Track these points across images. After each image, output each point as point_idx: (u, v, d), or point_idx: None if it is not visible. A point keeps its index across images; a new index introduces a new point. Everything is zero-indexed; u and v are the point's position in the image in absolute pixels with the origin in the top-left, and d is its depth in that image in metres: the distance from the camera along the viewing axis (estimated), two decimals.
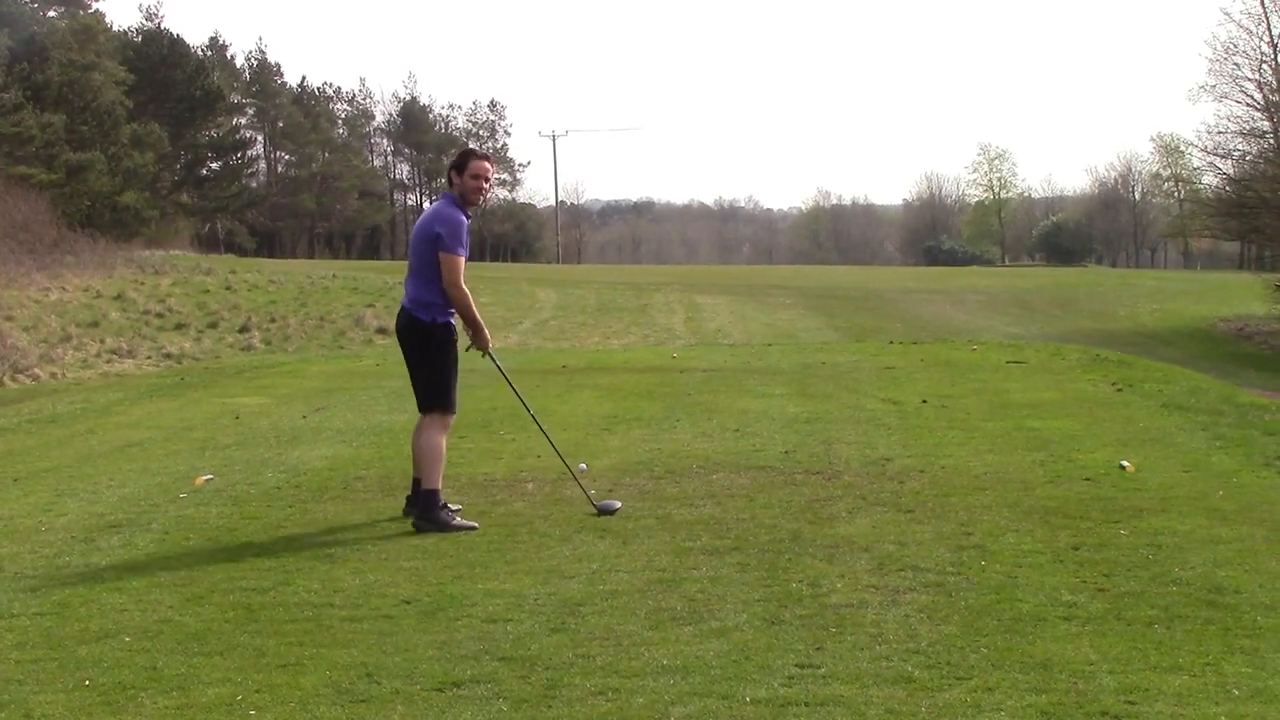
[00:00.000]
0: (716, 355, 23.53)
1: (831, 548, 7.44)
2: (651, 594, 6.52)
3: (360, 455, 11.67)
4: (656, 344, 35.50)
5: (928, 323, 45.37)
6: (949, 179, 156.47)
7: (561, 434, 12.66)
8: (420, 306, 8.53)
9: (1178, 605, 6.11)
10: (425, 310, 8.52)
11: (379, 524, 8.58)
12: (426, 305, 8.52)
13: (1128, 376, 16.84)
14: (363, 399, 16.40)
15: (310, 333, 40.76)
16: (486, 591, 6.67)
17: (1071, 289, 63.06)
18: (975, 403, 14.54)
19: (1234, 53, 53.86)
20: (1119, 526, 7.82)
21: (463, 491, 9.58)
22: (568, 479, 9.97)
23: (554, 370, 20.39)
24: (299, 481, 10.33)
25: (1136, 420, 12.77)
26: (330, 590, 6.78)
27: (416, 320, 8.56)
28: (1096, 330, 45.33)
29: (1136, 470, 9.78)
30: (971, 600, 6.25)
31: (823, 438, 12.00)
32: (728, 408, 14.52)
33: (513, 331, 41.90)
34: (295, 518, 8.86)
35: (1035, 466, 10.15)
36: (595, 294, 53.48)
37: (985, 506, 8.55)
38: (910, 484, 9.52)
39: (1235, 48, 54.02)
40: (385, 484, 10.10)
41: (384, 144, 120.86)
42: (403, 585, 6.86)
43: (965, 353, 22.26)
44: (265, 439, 12.96)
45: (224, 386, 19.27)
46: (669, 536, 7.87)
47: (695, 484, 9.76)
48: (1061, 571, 6.77)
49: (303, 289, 49.15)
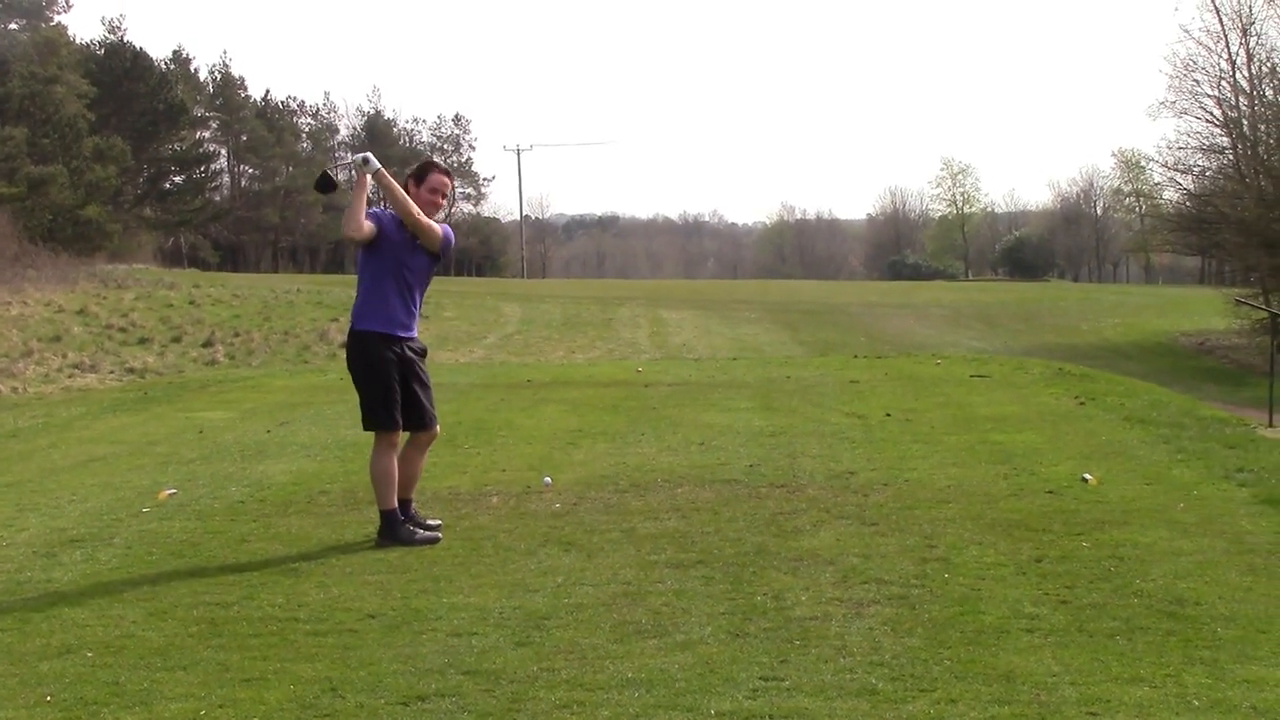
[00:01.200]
0: (681, 370, 23.55)
1: (796, 561, 7.45)
2: (616, 607, 6.53)
3: (324, 470, 11.64)
4: (621, 358, 35.49)
5: (892, 337, 45.55)
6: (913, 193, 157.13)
7: (526, 448, 12.67)
8: (354, 315, 8.50)
9: (1139, 617, 6.14)
10: (356, 317, 8.46)
11: (343, 538, 8.55)
12: (356, 312, 8.47)
13: (1090, 390, 16.93)
14: (327, 413, 16.35)
15: (274, 347, 40.61)
16: (451, 605, 6.66)
17: (1034, 303, 63.37)
18: (939, 416, 14.59)
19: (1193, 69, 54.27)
20: (1081, 539, 7.86)
21: (427, 505, 9.55)
22: (532, 493, 9.98)
23: (519, 384, 20.38)
24: (263, 496, 10.29)
25: (1099, 434, 12.84)
26: (294, 604, 6.76)
27: (350, 330, 8.52)
28: (1059, 344, 45.57)
29: (1099, 483, 9.83)
30: (935, 613, 6.28)
31: (787, 451, 12.02)
32: (692, 422, 14.53)
33: (477, 346, 41.82)
34: (259, 532, 8.82)
35: (998, 479, 10.19)
36: (560, 308, 53.45)
37: (949, 519, 8.58)
38: (874, 497, 9.54)
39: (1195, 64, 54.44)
40: (350, 498, 10.07)
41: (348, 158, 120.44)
42: (367, 599, 6.85)
43: (929, 367, 22.34)
44: (229, 453, 12.91)
45: (187, 401, 19.18)
46: (634, 550, 7.87)
47: (660, 498, 9.76)
48: (1024, 584, 6.81)
49: (266, 303, 48.96)
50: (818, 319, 52.66)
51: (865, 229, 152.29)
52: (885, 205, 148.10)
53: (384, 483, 8.38)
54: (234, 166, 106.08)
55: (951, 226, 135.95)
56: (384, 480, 8.38)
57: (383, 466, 8.40)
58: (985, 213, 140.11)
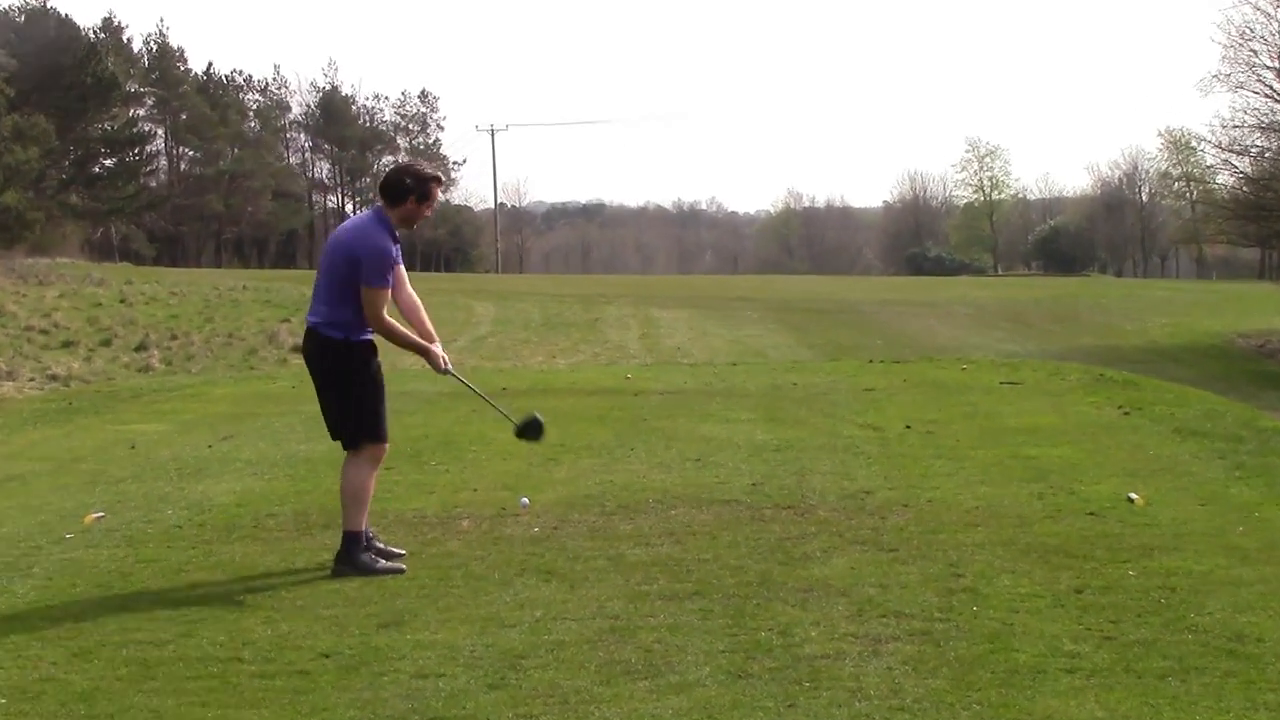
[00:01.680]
0: (675, 376, 23.52)
1: (805, 591, 7.44)
2: (602, 645, 6.50)
3: (273, 489, 11.60)
4: (608, 363, 35.48)
5: (911, 339, 45.57)
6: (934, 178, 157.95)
7: (501, 465, 12.65)
8: (333, 325, 8.38)
9: (1194, 656, 6.13)
10: (340, 329, 8.39)
11: (294, 566, 8.53)
12: (342, 324, 8.39)
13: (1135, 398, 16.94)
14: (276, 426, 16.30)
15: (217, 351, 40.55)
16: (416, 643, 6.63)
17: (1072, 301, 63.51)
18: (965, 428, 14.58)
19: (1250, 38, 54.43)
20: (1127, 567, 7.85)
21: (389, 530, 9.52)
22: (507, 516, 9.95)
23: (493, 393, 20.31)
24: (203, 519, 10.25)
25: (1146, 447, 12.83)
26: (238, 642, 6.73)
27: (329, 340, 8.40)
28: (1100, 347, 45.63)
29: (1146, 504, 9.83)
30: (962, 650, 6.26)
31: (794, 468, 12.00)
32: (688, 434, 14.51)
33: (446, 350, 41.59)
34: (199, 560, 8.78)
35: (1032, 499, 10.18)
36: (539, 307, 53.47)
37: (977, 545, 8.57)
38: (893, 520, 9.53)
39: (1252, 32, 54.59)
40: (301, 521, 10.04)
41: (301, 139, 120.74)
42: (321, 636, 6.82)
43: (954, 372, 22.34)
44: (165, 471, 12.86)
45: (118, 412, 19.12)
46: (622, 580, 7.85)
47: (651, 520, 9.74)
48: (1063, 618, 6.79)
49: (208, 302, 48.92)
50: (828, 319, 52.72)
51: (881, 218, 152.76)
52: (904, 191, 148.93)
53: (359, 501, 8.44)
54: (172, 148, 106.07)
55: (978, 215, 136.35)
56: (360, 498, 8.45)
57: (362, 482, 8.48)
58: (1016, 199, 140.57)
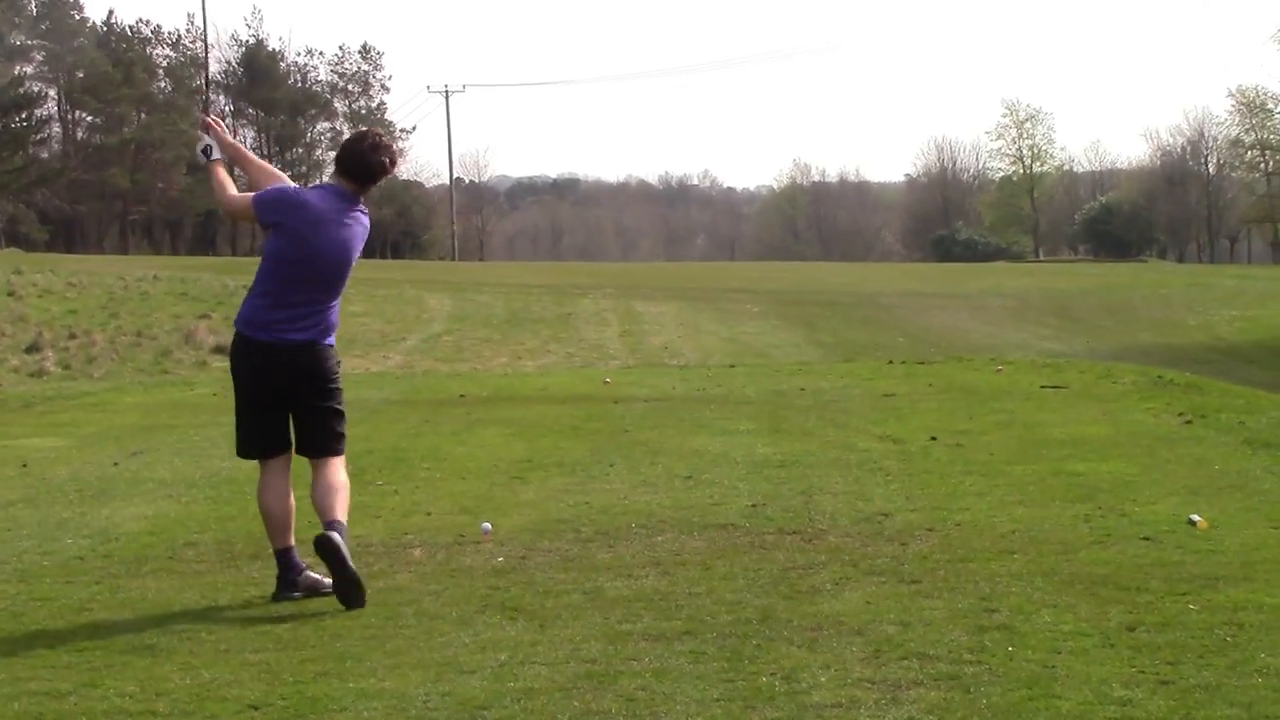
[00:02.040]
0: (662, 380, 23.57)
1: (813, 630, 7.47)
2: (578, 693, 6.53)
3: (192, 514, 11.61)
4: (584, 365, 35.52)
5: (938, 336, 45.65)
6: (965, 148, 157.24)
7: (459, 485, 12.68)
8: (330, 333, 9.00)
9: (1264, 703, 6.16)
10: (333, 334, 9.04)
11: (217, 603, 8.54)
12: (333, 329, 9.04)
13: (1199, 405, 16.99)
14: (195, 440, 16.31)
15: (123, 353, 40.46)
16: (360, 691, 6.65)
17: (1126, 291, 63.58)
18: (1000, 440, 14.64)
19: None
20: (1187, 600, 7.89)
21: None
22: (466, 544, 9.98)
23: (449, 401, 20.36)
24: (109, 550, 10.25)
25: (1210, 461, 12.89)
26: (151, 693, 6.74)
27: (330, 349, 8.99)
28: (1158, 345, 45.70)
29: (1210, 527, 9.86)
30: (995, 698, 6.30)
31: (801, 487, 12.04)
32: (677, 448, 14.55)
33: (394, 350, 41.79)
34: (104, 598, 8.79)
35: (1078, 523, 10.23)
36: (503, 300, 53.41)
37: (1013, 575, 8.61)
38: (915, 546, 9.57)
39: None
40: (225, 551, 10.05)
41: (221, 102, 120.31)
42: (249, 685, 6.83)
43: (988, 375, 22.41)
44: (63, 494, 12.85)
45: (6, 425, 19.11)
46: (600, 617, 7.88)
47: (635, 548, 9.78)
48: (1112, 659, 6.83)
49: (113, 295, 48.79)
50: (841, 313, 52.77)
51: (903, 194, 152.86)
52: (930, 163, 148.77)
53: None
54: (66, 113, 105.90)
55: (1017, 190, 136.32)
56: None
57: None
58: (1061, 172, 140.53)
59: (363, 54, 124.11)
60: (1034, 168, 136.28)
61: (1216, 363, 39.15)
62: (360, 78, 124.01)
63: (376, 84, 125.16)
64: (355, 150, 8.92)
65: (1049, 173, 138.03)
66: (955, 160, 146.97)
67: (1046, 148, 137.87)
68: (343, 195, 8.86)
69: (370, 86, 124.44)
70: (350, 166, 8.88)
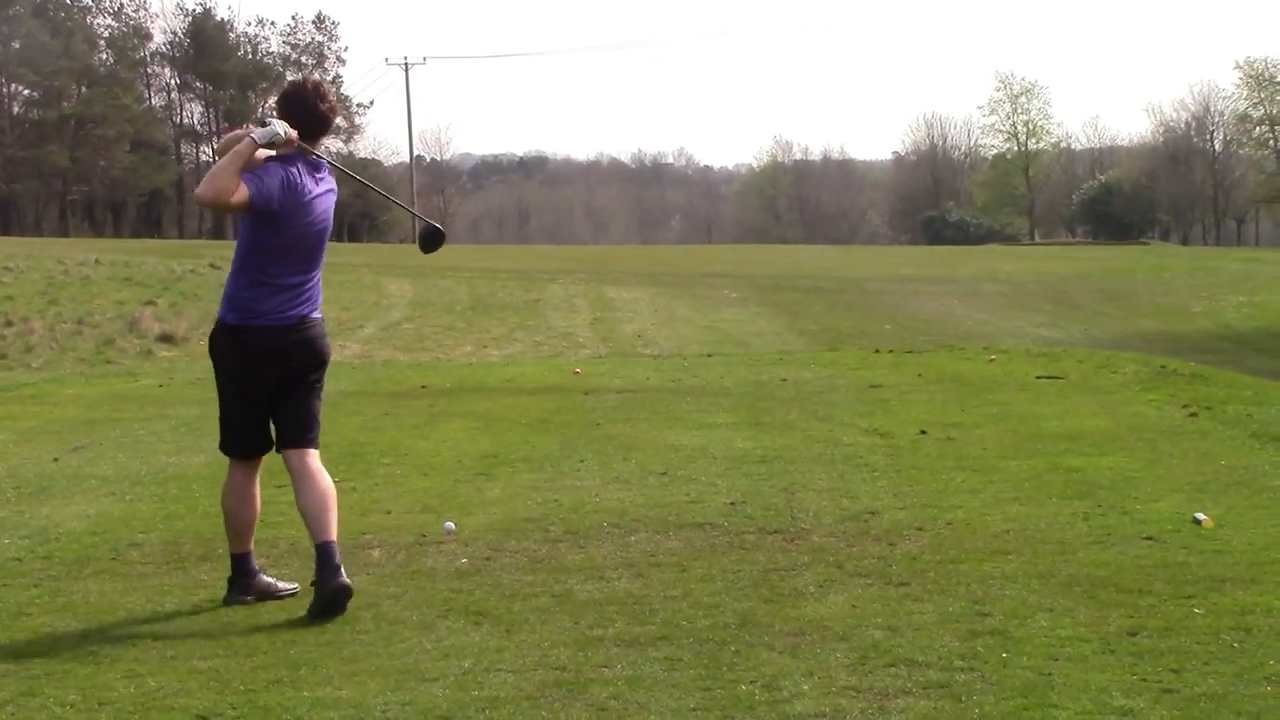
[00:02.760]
0: (635, 370, 23.57)
1: (795, 635, 7.49)
2: (545, 702, 6.54)
3: (136, 513, 11.59)
4: (552, 355, 35.49)
5: (927, 323, 45.69)
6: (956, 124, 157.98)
7: (420, 482, 12.68)
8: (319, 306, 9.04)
9: (1273, 711, 6.19)
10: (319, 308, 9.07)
11: (163, 608, 8.53)
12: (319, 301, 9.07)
13: (1204, 396, 17.03)
14: (140, 434, 16.29)
15: (63, 342, 40.34)
16: (315, 701, 6.66)
17: (1127, 276, 63.71)
18: (993, 434, 14.66)
19: None
20: (1192, 603, 7.91)
21: (281, 561, 9.55)
22: (428, 544, 9.98)
23: (409, 392, 20.34)
24: (49, 551, 10.23)
25: (1216, 456, 12.92)
26: (93, 701, 6.74)
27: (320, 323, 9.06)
28: (1161, 332, 45.76)
29: (1216, 525, 9.89)
30: (989, 707, 6.32)
31: (783, 483, 12.06)
32: (651, 443, 14.56)
33: (350, 339, 41.69)
34: (43, 601, 8.78)
35: (1076, 521, 10.25)
36: (466, 286, 53.38)
37: (1007, 577, 8.63)
38: (904, 547, 9.59)
39: None
40: (172, 552, 10.03)
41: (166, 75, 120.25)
42: (197, 694, 6.83)
43: (980, 364, 22.45)
44: (0, 492, 12.84)
45: None
46: (570, 622, 7.89)
47: (606, 549, 9.79)
48: (1113, 666, 6.85)
49: (52, 280, 48.68)
50: (824, 299, 52.80)
51: (891, 174, 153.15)
52: (918, 141, 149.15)
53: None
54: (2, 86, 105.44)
55: (1011, 169, 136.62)
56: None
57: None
58: (1058, 149, 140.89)
59: (317, 24, 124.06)
60: (1029, 145, 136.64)
61: (1223, 351, 39.17)
62: (314, 49, 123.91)
63: (332, 56, 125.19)
64: (307, 106, 8.87)
65: (1045, 150, 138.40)
66: (946, 137, 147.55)
67: (1042, 123, 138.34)
68: (310, 162, 8.87)
69: (325, 59, 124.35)
70: (310, 125, 8.84)
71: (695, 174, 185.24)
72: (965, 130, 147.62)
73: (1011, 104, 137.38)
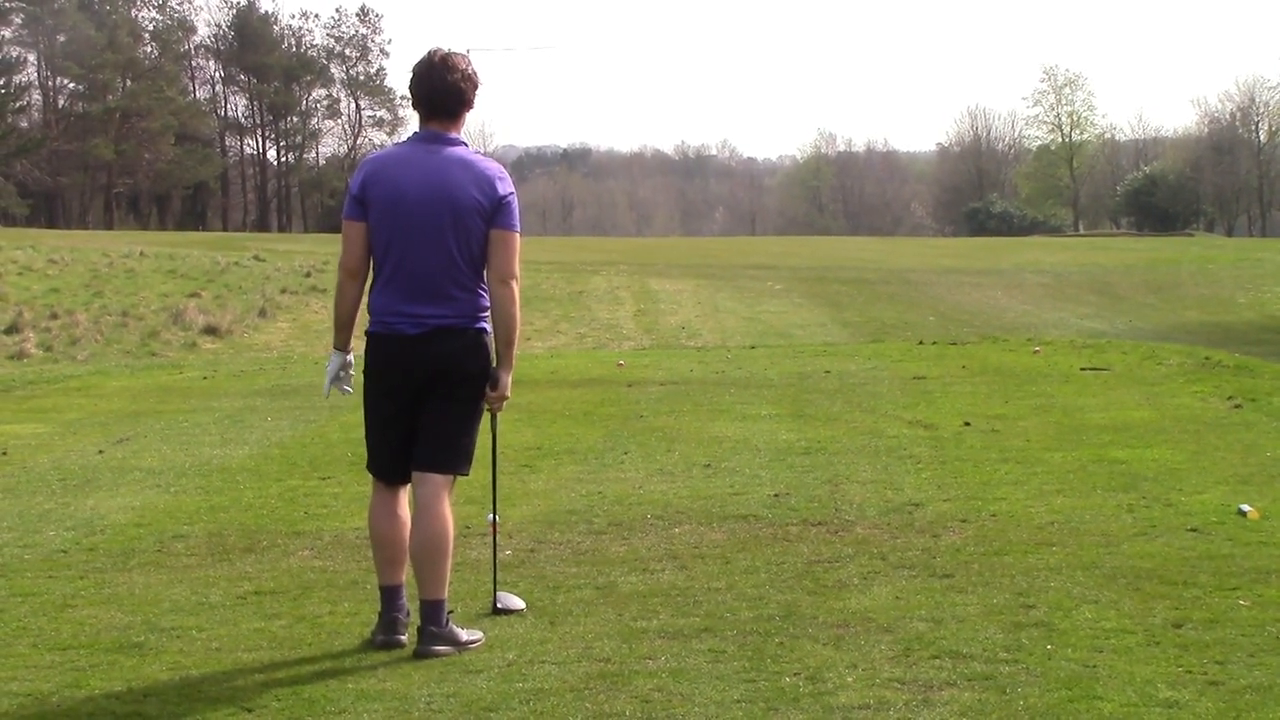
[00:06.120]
0: (679, 362, 23.56)
1: (839, 627, 7.48)
2: (590, 694, 6.54)
3: (181, 505, 11.62)
4: (596, 347, 35.50)
5: (972, 315, 45.57)
6: (1001, 116, 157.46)
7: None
8: (479, 315, 7.71)
9: None
10: (485, 318, 7.74)
11: (208, 600, 8.53)
12: (485, 311, 7.73)
13: (1250, 388, 16.97)
14: (184, 426, 16.31)
15: (108, 334, 40.45)
16: (360, 693, 6.67)
17: (1171, 267, 63.40)
18: (1037, 425, 14.62)
19: None
20: (1237, 595, 7.90)
21: (326, 554, 9.56)
22: (471, 536, 9.98)
23: None
24: (94, 543, 10.26)
25: (1262, 448, 12.88)
26: (138, 694, 6.75)
27: (483, 335, 7.75)
28: (1207, 324, 45.56)
29: (1261, 517, 9.86)
30: (1033, 699, 6.30)
31: (827, 475, 12.05)
32: (695, 435, 14.55)
33: None
34: (89, 593, 8.80)
35: (1121, 513, 10.23)
36: None
37: (1051, 569, 8.62)
38: (948, 538, 9.58)
39: None
40: (216, 545, 10.05)
41: (210, 68, 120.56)
42: (241, 686, 6.82)
43: (1024, 356, 22.39)
44: (45, 483, 12.87)
45: None
46: (614, 614, 7.91)
47: (650, 541, 9.79)
48: (1158, 658, 6.83)
49: (97, 272, 48.79)
50: (868, 291, 52.68)
51: (934, 165, 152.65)
52: (962, 132, 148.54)
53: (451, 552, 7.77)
54: (47, 79, 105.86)
55: (1055, 160, 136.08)
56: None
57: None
58: (1103, 141, 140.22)
59: (360, 16, 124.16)
60: (1073, 136, 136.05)
61: (1268, 343, 38.95)
62: (358, 42, 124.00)
63: (375, 48, 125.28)
64: (413, 73, 7.70)
65: (1089, 141, 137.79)
66: (990, 129, 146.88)
67: (1087, 115, 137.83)
68: (439, 135, 7.72)
69: (369, 51, 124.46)
70: (440, 101, 7.73)
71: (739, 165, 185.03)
72: (1009, 122, 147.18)
73: (1056, 95, 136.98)
